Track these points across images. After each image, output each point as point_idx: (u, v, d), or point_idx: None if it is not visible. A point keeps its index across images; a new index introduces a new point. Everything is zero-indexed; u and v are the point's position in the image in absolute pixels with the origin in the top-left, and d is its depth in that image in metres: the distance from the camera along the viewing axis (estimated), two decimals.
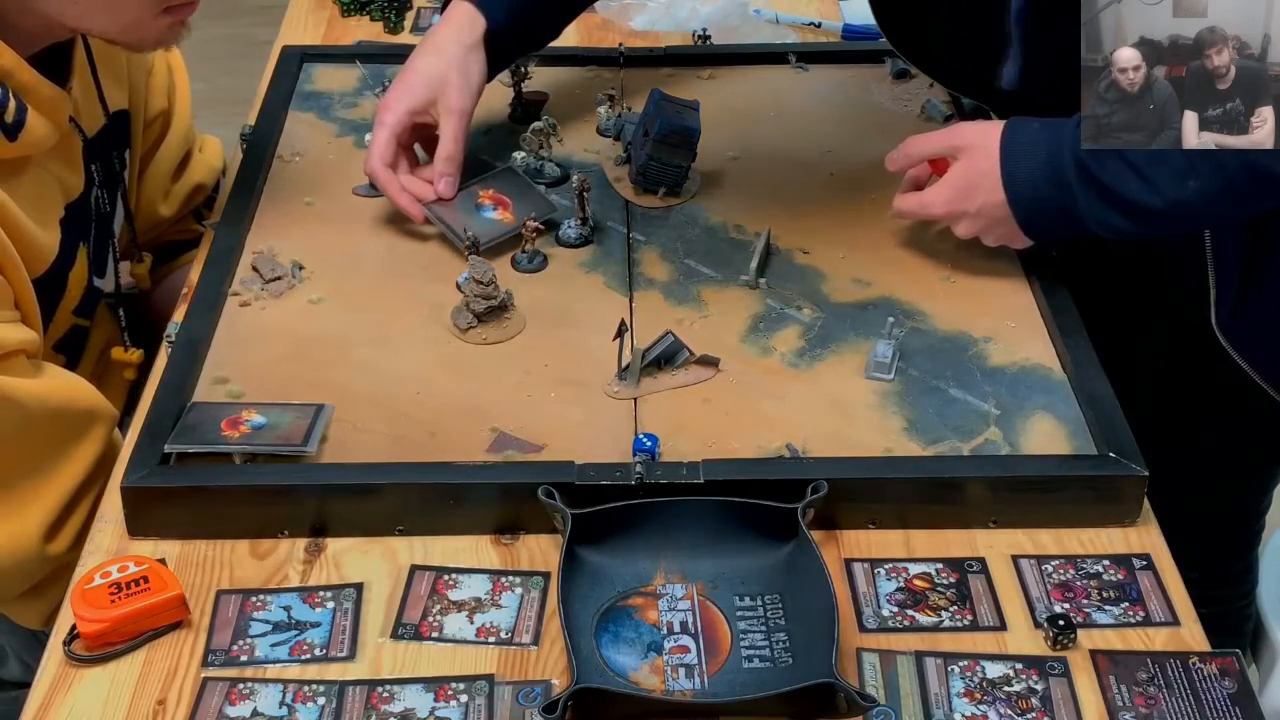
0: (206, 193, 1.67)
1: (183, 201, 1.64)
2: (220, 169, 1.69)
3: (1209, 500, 1.57)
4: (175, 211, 1.64)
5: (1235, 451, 1.56)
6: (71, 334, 1.43)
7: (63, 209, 1.36)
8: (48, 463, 1.25)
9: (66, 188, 1.37)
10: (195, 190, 1.65)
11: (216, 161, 1.69)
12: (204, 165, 1.67)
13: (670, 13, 1.92)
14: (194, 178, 1.65)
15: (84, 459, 1.28)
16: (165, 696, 1.03)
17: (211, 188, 1.68)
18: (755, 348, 1.33)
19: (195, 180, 1.65)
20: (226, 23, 3.79)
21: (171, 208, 1.63)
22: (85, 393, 1.30)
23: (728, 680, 1.04)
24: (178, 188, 1.64)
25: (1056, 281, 1.38)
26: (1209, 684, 1.04)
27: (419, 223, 1.44)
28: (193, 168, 1.66)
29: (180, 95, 1.63)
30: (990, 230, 1.36)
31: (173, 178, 1.63)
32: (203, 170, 1.67)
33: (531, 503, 1.13)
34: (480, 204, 1.46)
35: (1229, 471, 1.60)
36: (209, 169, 1.67)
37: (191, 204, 1.66)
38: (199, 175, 1.66)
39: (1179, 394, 1.55)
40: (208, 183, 1.67)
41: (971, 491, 1.17)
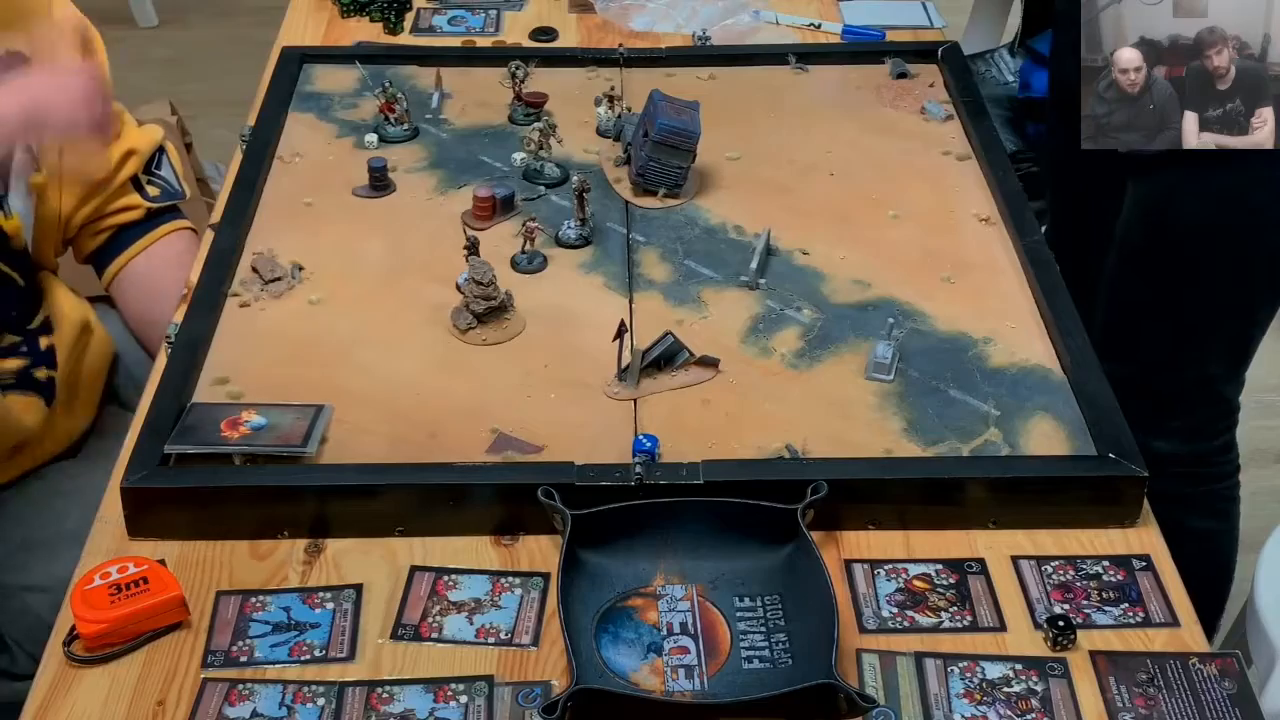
0: (140, 160, 1.64)
1: (113, 164, 1.62)
2: (157, 142, 1.66)
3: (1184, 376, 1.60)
4: (106, 175, 1.61)
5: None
6: None
7: None
8: None
9: None
10: (127, 155, 1.63)
11: (154, 135, 1.67)
12: (140, 135, 1.65)
13: (670, 13, 1.92)
14: (126, 142, 1.62)
15: None
16: (165, 697, 1.03)
17: (146, 156, 1.64)
18: (755, 348, 1.33)
19: (127, 145, 1.62)
20: (226, 23, 3.79)
21: (101, 169, 1.61)
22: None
23: (727, 681, 1.04)
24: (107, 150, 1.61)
25: (1056, 281, 1.38)
26: (1208, 684, 1.04)
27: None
28: (127, 133, 1.63)
29: (100, 59, 1.59)
30: None
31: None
32: (137, 137, 1.65)
33: (531, 503, 1.13)
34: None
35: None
36: (145, 138, 1.66)
37: (124, 169, 1.63)
38: (132, 140, 1.64)
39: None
40: (141, 149, 1.64)
41: (971, 492, 1.17)
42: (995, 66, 2.83)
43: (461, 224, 1.48)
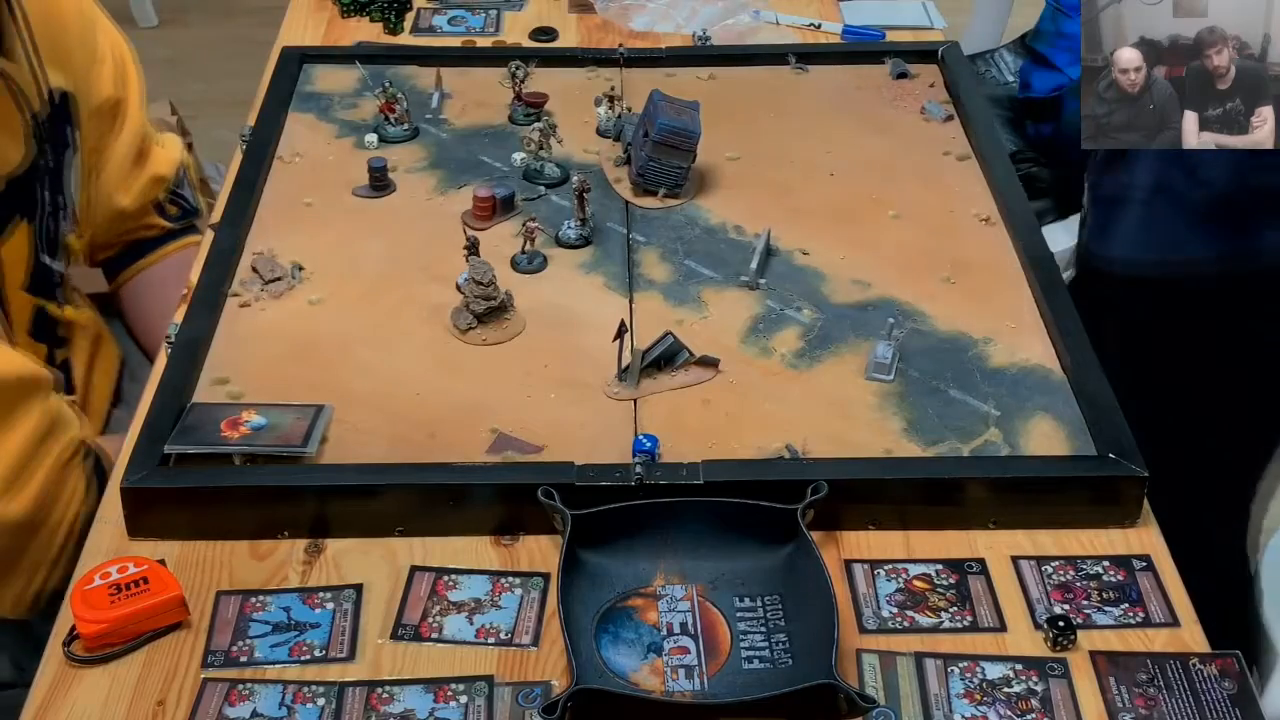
0: (166, 185, 1.67)
1: (141, 191, 1.64)
2: (180, 161, 1.69)
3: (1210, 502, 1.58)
4: (134, 202, 1.64)
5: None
6: (39, 318, 1.43)
7: (2, 181, 1.36)
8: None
9: (5, 159, 1.37)
10: (155, 181, 1.66)
11: (176, 154, 1.69)
12: (164, 158, 1.68)
13: (670, 13, 1.92)
14: (153, 169, 1.65)
15: (24, 425, 1.28)
16: (165, 697, 1.03)
17: (172, 181, 1.68)
18: (755, 348, 1.33)
19: (155, 171, 1.65)
20: (226, 23, 3.80)
21: (130, 197, 1.64)
22: (14, 365, 1.31)
23: (727, 681, 1.04)
24: (136, 179, 1.64)
25: (1056, 281, 1.38)
26: (1209, 685, 1.04)
27: None
28: (152, 160, 1.66)
29: (133, 88, 1.63)
30: None
31: (130, 169, 1.63)
32: (162, 162, 1.67)
33: (531, 503, 1.13)
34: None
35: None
36: (169, 161, 1.68)
37: (151, 195, 1.66)
38: (158, 167, 1.66)
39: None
40: (167, 174, 1.67)
41: (971, 492, 1.17)
42: (995, 66, 2.83)
43: (461, 224, 1.48)
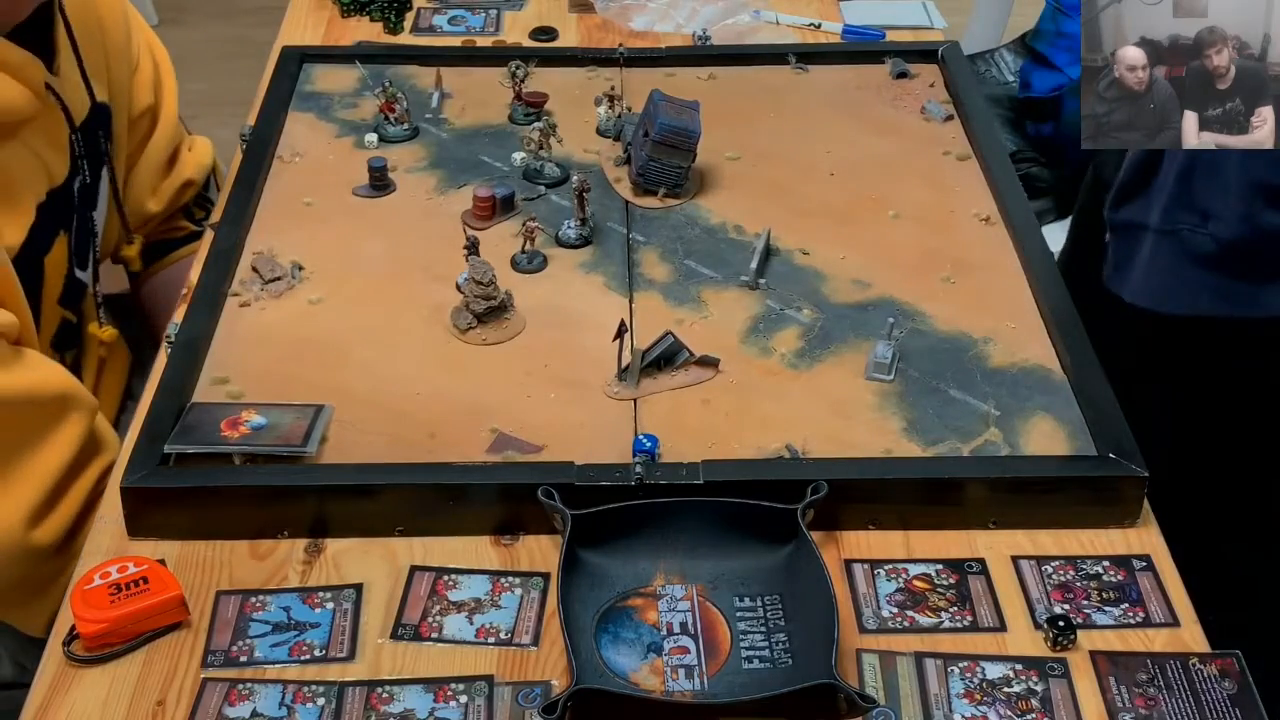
0: (196, 189, 1.68)
1: (171, 197, 1.65)
2: (209, 166, 1.70)
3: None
4: (164, 207, 1.65)
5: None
6: (63, 329, 1.43)
7: (44, 193, 1.36)
8: (23, 449, 1.25)
9: (51, 172, 1.38)
10: (184, 186, 1.66)
11: (206, 159, 1.70)
12: (193, 162, 1.68)
13: (670, 13, 1.92)
14: (183, 174, 1.66)
15: (62, 445, 1.27)
16: (165, 697, 1.03)
17: (201, 184, 1.69)
18: (755, 348, 1.33)
19: (185, 176, 1.66)
20: (226, 23, 3.80)
21: (160, 203, 1.64)
22: (59, 379, 1.30)
23: (727, 681, 1.04)
24: (166, 184, 1.64)
25: (1057, 281, 1.38)
26: (1209, 685, 1.04)
27: None
28: (182, 164, 1.66)
29: (167, 92, 1.63)
30: None
31: (161, 174, 1.64)
32: (192, 167, 1.68)
33: (531, 503, 1.13)
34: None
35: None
36: (198, 166, 1.68)
37: (180, 200, 1.67)
38: (188, 172, 1.67)
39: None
40: (197, 179, 1.68)
41: (971, 492, 1.17)
42: (995, 66, 2.83)
43: (461, 224, 1.48)
